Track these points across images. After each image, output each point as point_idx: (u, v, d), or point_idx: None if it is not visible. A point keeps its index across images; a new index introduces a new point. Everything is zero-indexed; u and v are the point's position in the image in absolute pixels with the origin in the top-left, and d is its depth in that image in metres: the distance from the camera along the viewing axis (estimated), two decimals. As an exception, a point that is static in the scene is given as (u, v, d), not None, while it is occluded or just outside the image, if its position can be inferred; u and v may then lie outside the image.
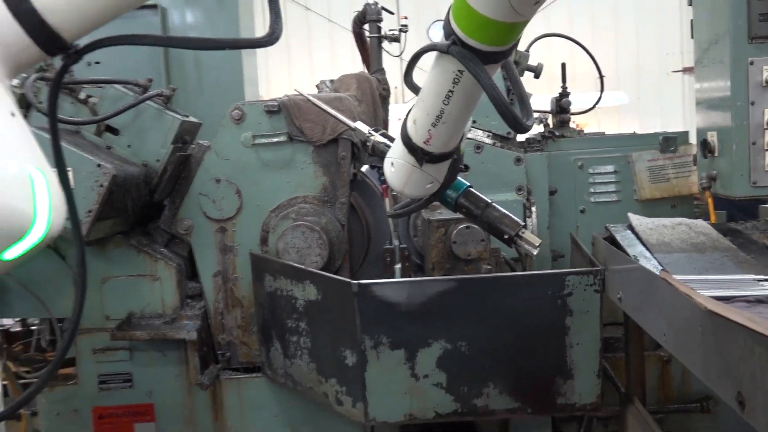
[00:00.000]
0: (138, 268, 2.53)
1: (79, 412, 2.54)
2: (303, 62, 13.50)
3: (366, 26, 3.03)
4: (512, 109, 1.25)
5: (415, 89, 1.45)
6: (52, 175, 1.01)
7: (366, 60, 3.08)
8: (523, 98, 1.43)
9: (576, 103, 3.41)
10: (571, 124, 3.16)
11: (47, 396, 2.53)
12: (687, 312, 1.35)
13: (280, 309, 2.35)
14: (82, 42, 1.11)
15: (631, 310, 1.85)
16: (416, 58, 1.36)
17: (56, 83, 1.15)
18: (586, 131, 3.92)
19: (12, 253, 0.93)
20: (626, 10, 14.37)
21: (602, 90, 3.30)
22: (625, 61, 15.26)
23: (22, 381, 2.83)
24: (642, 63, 14.78)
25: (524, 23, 1.18)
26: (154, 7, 3.71)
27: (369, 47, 3.03)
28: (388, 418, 2.15)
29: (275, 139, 2.51)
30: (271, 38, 1.21)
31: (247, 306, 2.58)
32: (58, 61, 1.14)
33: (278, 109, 2.49)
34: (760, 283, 1.65)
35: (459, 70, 1.27)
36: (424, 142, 1.49)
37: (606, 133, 3.69)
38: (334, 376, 2.21)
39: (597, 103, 3.32)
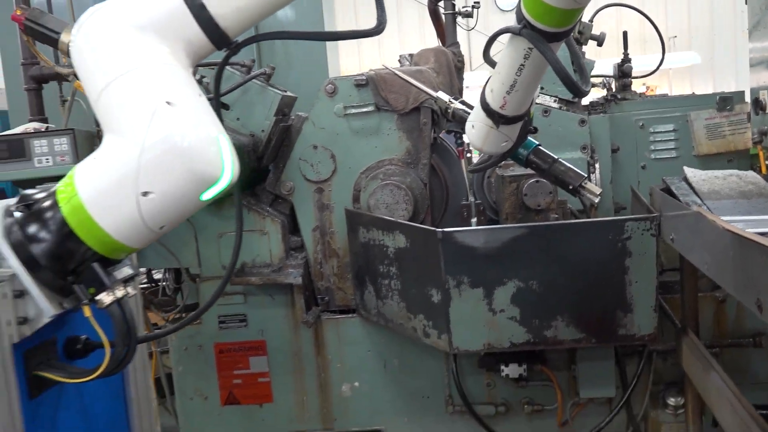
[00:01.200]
0: (248, 224, 2.93)
1: (203, 347, 2.98)
2: (372, 39, 13.74)
3: (441, 3, 3.32)
4: (572, 78, 1.55)
5: (492, 63, 1.76)
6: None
7: (441, 34, 3.37)
8: (582, 68, 1.72)
9: (647, 65, 3.60)
10: (641, 87, 3.37)
11: (177, 335, 2.98)
12: (721, 243, 1.63)
13: (372, 257, 2.71)
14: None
15: (681, 248, 2.12)
16: (493, 38, 1.66)
17: (221, 69, 1.52)
18: (657, 93, 4.09)
19: (208, 195, 1.30)
20: (698, -33, 14.05)
21: (663, 52, 3.49)
22: (697, 21, 14.93)
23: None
24: (715, 22, 14.43)
25: (580, 9, 1.47)
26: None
27: (444, 23, 3.32)
28: (469, 347, 2.50)
29: (364, 109, 2.85)
30: (378, 29, 1.54)
31: (342, 256, 2.96)
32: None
33: (366, 83, 2.83)
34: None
35: (529, 48, 1.57)
36: (500, 107, 1.80)
37: (676, 94, 3.87)
38: (422, 313, 2.57)
39: (659, 66, 3.51)
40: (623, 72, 3.17)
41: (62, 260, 1.30)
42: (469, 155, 2.93)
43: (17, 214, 1.32)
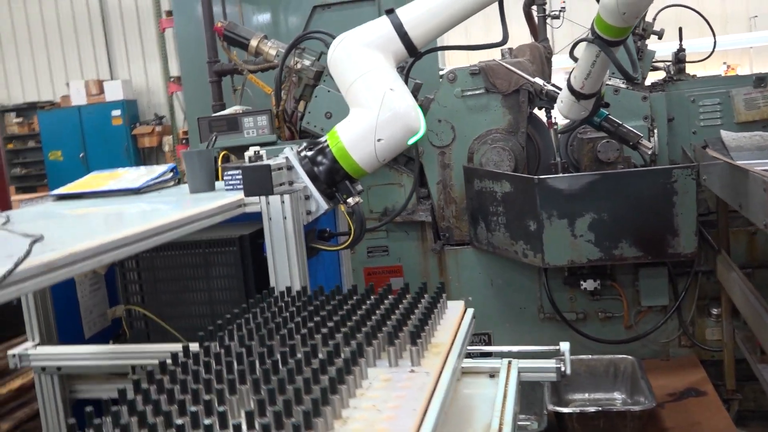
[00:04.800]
0: (389, 178, 3.95)
1: (356, 270, 4.03)
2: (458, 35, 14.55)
3: (534, 6, 4.24)
4: (626, 70, 2.48)
5: (575, 59, 2.69)
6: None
7: (534, 32, 4.29)
8: (634, 63, 2.64)
9: (726, 44, 4.34)
10: (722, 67, 4.16)
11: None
12: (737, 179, 2.51)
13: (484, 200, 3.69)
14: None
15: (710, 186, 3.01)
16: (576, 45, 2.60)
17: (408, 71, 2.52)
18: (738, 72, 4.87)
19: (412, 140, 2.30)
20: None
21: (714, 37, 4.26)
22: (781, -2, 15.01)
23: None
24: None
25: (631, 27, 2.39)
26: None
27: (536, 22, 4.24)
28: (557, 263, 3.44)
29: (477, 92, 3.83)
30: (502, 42, 2.51)
31: (459, 203, 3.94)
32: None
33: (478, 72, 3.80)
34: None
35: (598, 50, 2.50)
36: (580, 89, 2.74)
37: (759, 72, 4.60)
38: (522, 239, 3.53)
39: (712, 52, 4.29)
40: (679, 59, 4.00)
41: (331, 176, 2.32)
42: (555, 126, 3.83)
43: (304, 153, 2.35)
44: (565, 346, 2.03)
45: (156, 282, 2.48)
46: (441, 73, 4.35)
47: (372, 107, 2.26)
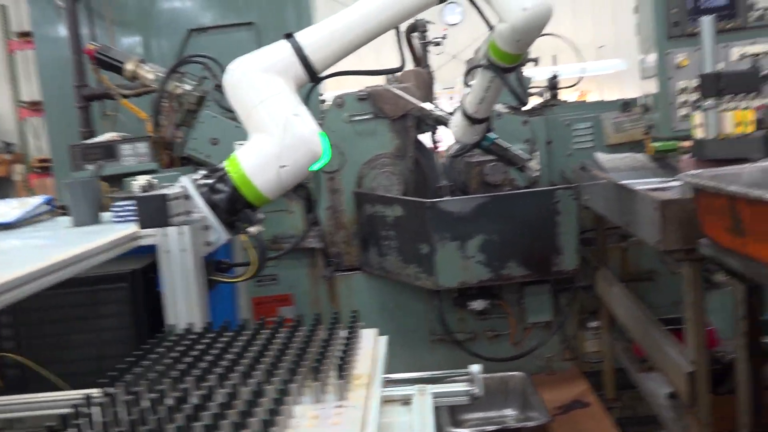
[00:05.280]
0: (278, 205, 3.85)
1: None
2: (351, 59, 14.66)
3: (415, 33, 4.32)
4: (519, 94, 2.57)
5: (469, 85, 2.76)
6: (321, 134, 2.32)
7: (416, 58, 4.37)
8: (524, 88, 2.73)
9: (577, 72, 4.62)
10: (574, 94, 4.43)
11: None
12: (623, 198, 2.65)
13: (376, 224, 3.69)
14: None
15: (591, 204, 3.17)
16: (470, 69, 2.67)
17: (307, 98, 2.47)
18: (588, 98, 5.23)
19: (315, 167, 2.25)
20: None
21: (580, 65, 4.55)
22: (623, 30, 16.32)
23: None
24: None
25: (524, 53, 2.48)
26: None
27: (417, 49, 4.32)
28: (450, 285, 3.49)
29: (365, 117, 3.83)
30: (400, 68, 2.53)
31: (349, 228, 3.92)
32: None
33: (366, 97, 3.81)
34: (664, 183, 2.95)
35: (493, 76, 2.58)
36: (474, 113, 2.81)
37: (602, 99, 4.91)
38: (414, 262, 3.55)
39: (580, 80, 4.56)
40: (552, 85, 4.23)
41: (232, 204, 2.21)
42: (440, 150, 3.91)
43: (202, 181, 2.23)
44: (475, 368, 2.04)
45: (34, 325, 2.26)
46: (321, 98, 4.34)
47: (274, 133, 2.20)
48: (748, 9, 3.17)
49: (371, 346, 1.86)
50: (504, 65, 2.51)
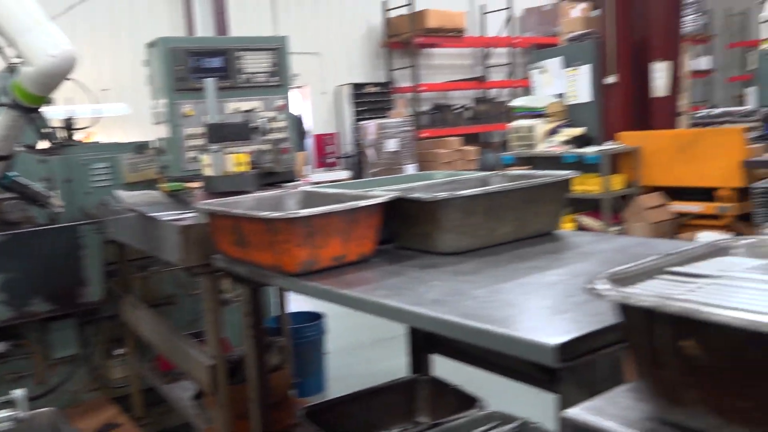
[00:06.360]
0: None
1: None
2: None
3: None
4: (44, 133, 2.71)
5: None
6: None
7: None
8: (46, 126, 2.89)
9: (85, 114, 4.77)
10: (82, 134, 4.59)
11: None
12: (150, 228, 2.99)
13: None
14: None
15: (118, 237, 3.44)
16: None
17: None
18: (96, 139, 5.45)
19: None
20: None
21: (88, 106, 4.77)
22: (125, 75, 16.75)
23: None
24: (137, 79, 16.39)
25: (49, 95, 2.65)
26: None
27: None
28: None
29: None
30: None
31: None
32: None
33: None
34: (181, 214, 3.40)
35: (18, 115, 2.67)
36: (-4, 151, 2.84)
37: (109, 141, 5.14)
38: None
39: (98, 121, 4.76)
40: (68, 126, 4.35)
41: None
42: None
43: None
44: (20, 392, 2.16)
45: None
46: None
47: None
48: (238, 72, 3.88)
49: None
50: (29, 105, 2.64)
